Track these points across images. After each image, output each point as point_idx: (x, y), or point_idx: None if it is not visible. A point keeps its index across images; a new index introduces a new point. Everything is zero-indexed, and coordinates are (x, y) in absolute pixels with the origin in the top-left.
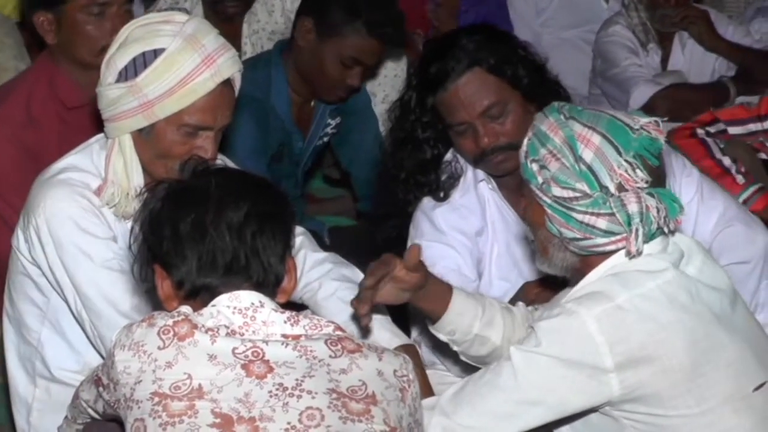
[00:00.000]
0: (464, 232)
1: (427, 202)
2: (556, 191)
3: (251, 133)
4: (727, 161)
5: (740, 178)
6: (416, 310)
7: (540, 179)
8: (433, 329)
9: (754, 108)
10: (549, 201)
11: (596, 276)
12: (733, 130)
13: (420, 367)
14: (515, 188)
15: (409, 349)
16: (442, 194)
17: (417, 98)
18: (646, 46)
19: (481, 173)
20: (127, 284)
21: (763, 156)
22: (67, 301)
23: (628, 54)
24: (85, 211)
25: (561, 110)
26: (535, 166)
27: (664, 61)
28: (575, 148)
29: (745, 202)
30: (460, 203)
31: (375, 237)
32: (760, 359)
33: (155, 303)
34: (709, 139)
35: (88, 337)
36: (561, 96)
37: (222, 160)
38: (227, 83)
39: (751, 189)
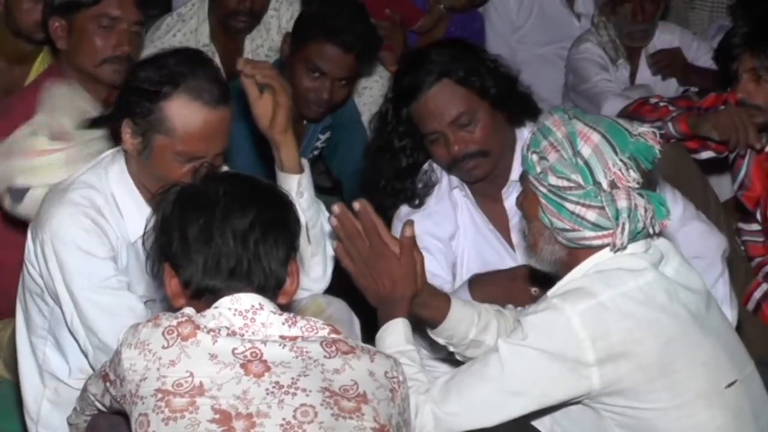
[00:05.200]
0: (438, 237)
1: (404, 210)
2: (552, 180)
3: (248, 143)
4: (661, 103)
5: (672, 108)
6: (415, 317)
7: (538, 169)
8: (432, 334)
9: (697, 101)
10: (544, 190)
11: (581, 272)
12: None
13: None
14: (488, 194)
15: None
16: (417, 201)
17: (393, 110)
18: (616, 62)
19: (455, 181)
20: (125, 301)
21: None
22: (63, 315)
23: (598, 70)
24: (87, 232)
25: (566, 111)
26: (535, 157)
27: (632, 75)
28: (575, 143)
29: (672, 118)
30: (435, 210)
31: None
32: (731, 358)
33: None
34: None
35: (81, 350)
36: (530, 106)
37: None
38: None
39: (677, 112)
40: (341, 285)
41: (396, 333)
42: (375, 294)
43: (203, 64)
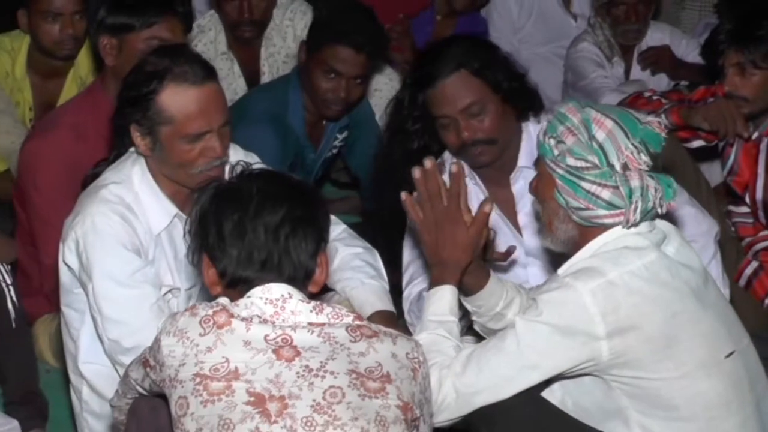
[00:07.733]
0: None
1: None
2: (570, 161)
3: (273, 145)
4: (654, 96)
5: (664, 101)
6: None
7: (556, 152)
8: (464, 300)
9: (687, 94)
10: (561, 171)
11: (590, 251)
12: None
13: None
14: (496, 180)
15: (384, 314)
16: None
17: (410, 95)
18: (611, 59)
19: (465, 170)
20: (146, 295)
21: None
22: (89, 304)
23: (595, 67)
24: (116, 227)
25: (579, 101)
26: (552, 141)
27: (627, 72)
28: (590, 128)
29: (665, 110)
30: None
31: (377, 231)
32: (729, 331)
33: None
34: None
35: (98, 336)
36: (537, 103)
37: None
38: None
39: (669, 104)
40: None
41: (443, 300)
42: (434, 252)
43: (181, 51)
